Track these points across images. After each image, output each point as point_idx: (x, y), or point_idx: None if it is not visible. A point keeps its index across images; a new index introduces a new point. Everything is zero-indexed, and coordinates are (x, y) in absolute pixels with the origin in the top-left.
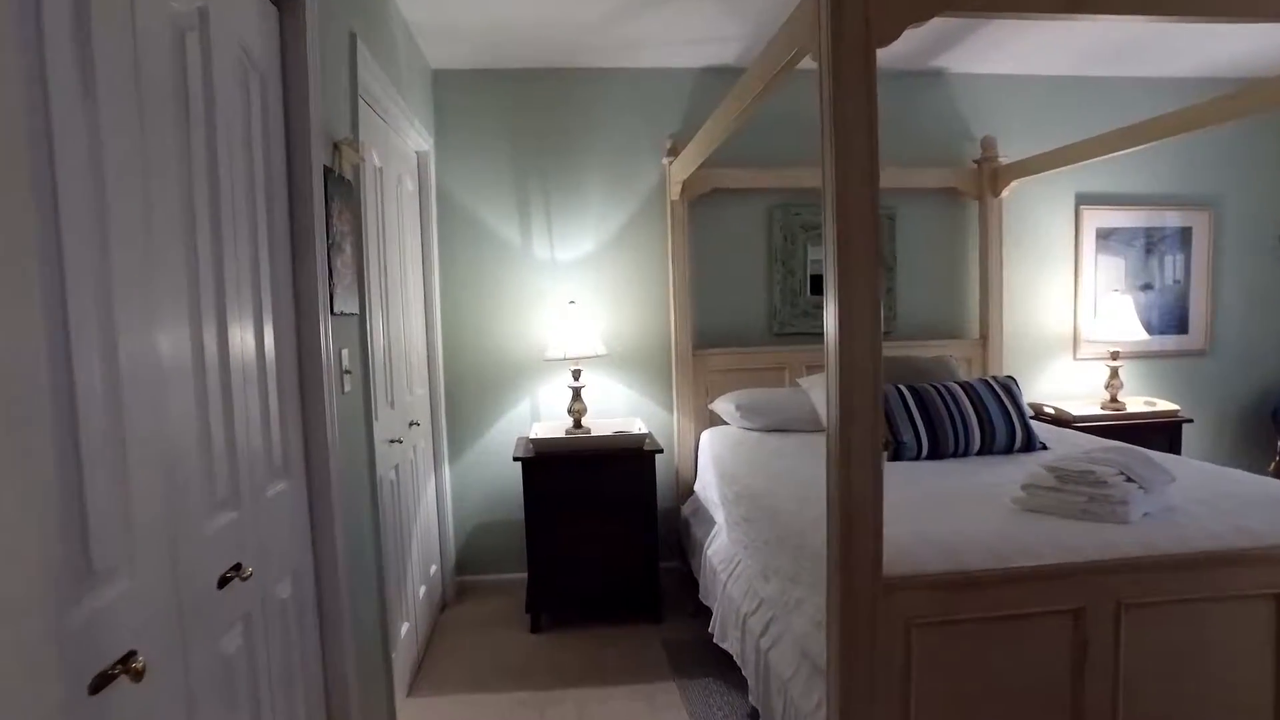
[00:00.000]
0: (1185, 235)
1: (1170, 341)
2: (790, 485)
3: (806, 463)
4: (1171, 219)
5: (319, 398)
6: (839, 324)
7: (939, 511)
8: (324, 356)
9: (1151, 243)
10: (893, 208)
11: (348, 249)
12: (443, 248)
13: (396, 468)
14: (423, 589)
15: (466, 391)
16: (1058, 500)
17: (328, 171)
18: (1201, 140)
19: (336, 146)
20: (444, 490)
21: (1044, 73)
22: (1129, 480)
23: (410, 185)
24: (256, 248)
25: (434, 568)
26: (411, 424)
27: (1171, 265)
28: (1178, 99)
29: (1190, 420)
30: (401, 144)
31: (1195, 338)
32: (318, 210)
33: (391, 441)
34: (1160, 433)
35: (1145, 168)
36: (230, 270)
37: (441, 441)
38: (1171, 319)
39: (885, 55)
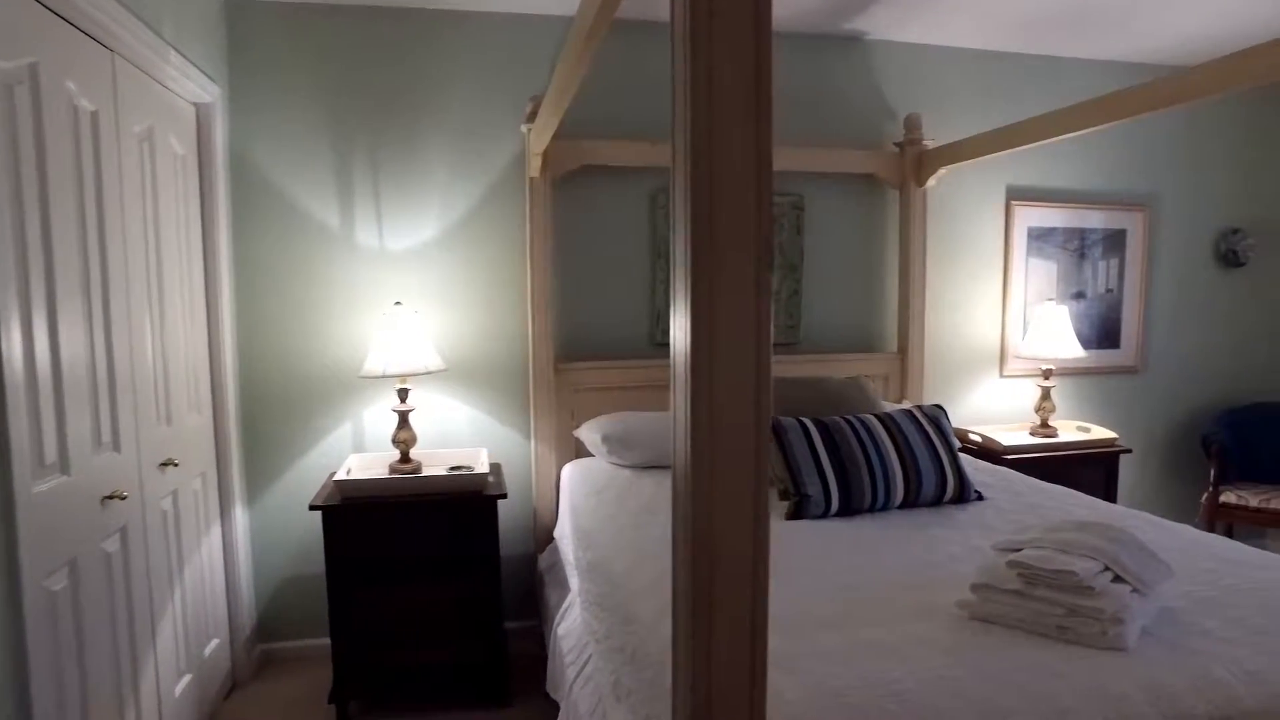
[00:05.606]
0: (1119, 238)
1: (1101, 357)
2: (656, 569)
3: None
4: (1105, 219)
5: None
6: (692, 338)
7: (854, 622)
8: None
9: (1085, 246)
10: (800, 194)
11: None
12: (237, 230)
13: (123, 531)
14: (184, 680)
15: (269, 415)
16: (1024, 610)
17: None
18: (1140, 132)
19: None
20: (234, 541)
21: (979, 45)
22: (1118, 580)
23: (178, 146)
24: None
25: (213, 644)
26: (166, 464)
27: (1104, 271)
28: (1127, 83)
29: (1129, 450)
30: (156, 89)
31: (1127, 353)
32: None
33: (106, 499)
34: (1096, 465)
35: (1080, 160)
36: None
37: (231, 480)
38: (1103, 332)
39: (790, 13)
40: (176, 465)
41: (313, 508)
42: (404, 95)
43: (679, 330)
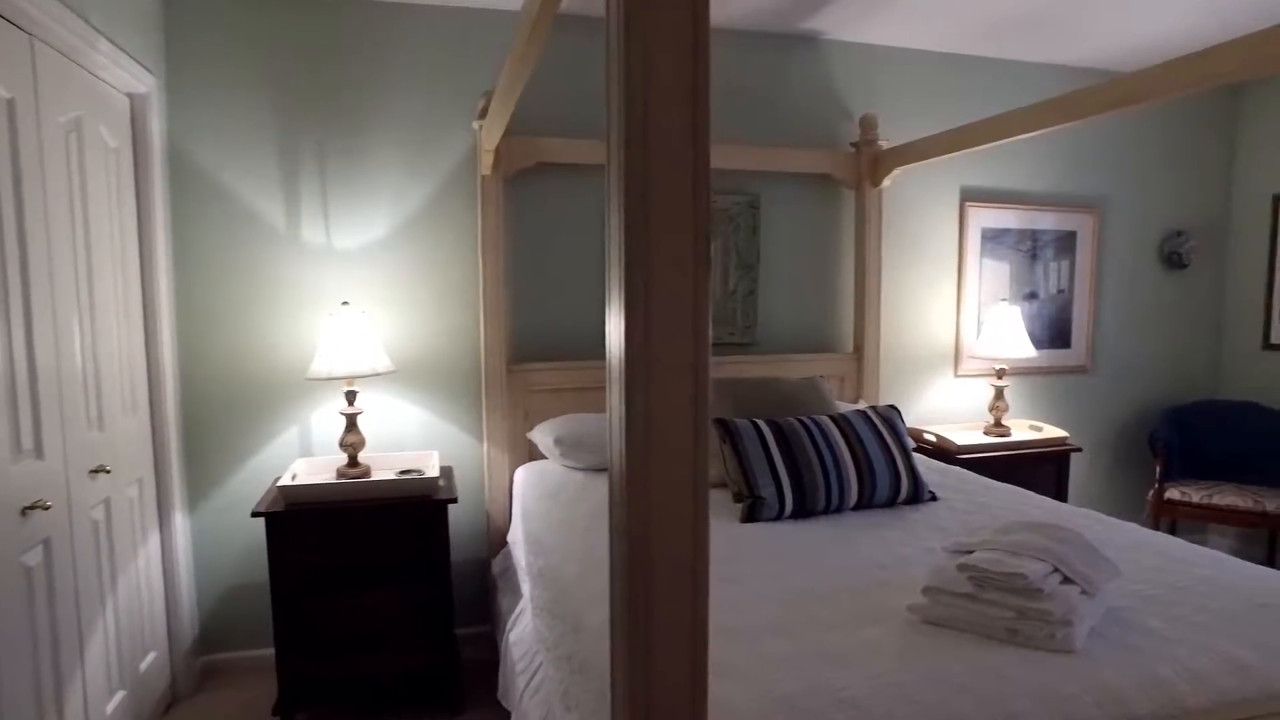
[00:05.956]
0: (1070, 240)
1: (1053, 357)
2: (605, 576)
3: None
4: (1057, 220)
5: None
6: (626, 337)
7: (805, 628)
8: None
9: (1037, 247)
10: (756, 194)
11: None
12: (177, 226)
13: (47, 543)
14: (117, 697)
15: (212, 418)
16: (974, 613)
17: None
18: (1090, 136)
19: None
20: (174, 550)
21: (935, 47)
22: (1066, 580)
23: (110, 138)
24: None
25: (150, 657)
26: (97, 471)
27: (1056, 272)
28: (1079, 87)
29: (1079, 449)
30: (85, 78)
31: (1077, 353)
32: None
33: (27, 509)
34: (1048, 463)
35: (1033, 162)
36: None
37: (171, 486)
38: (1054, 332)
39: (745, 11)
40: (109, 472)
41: (256, 514)
42: (352, 89)
43: (613, 329)
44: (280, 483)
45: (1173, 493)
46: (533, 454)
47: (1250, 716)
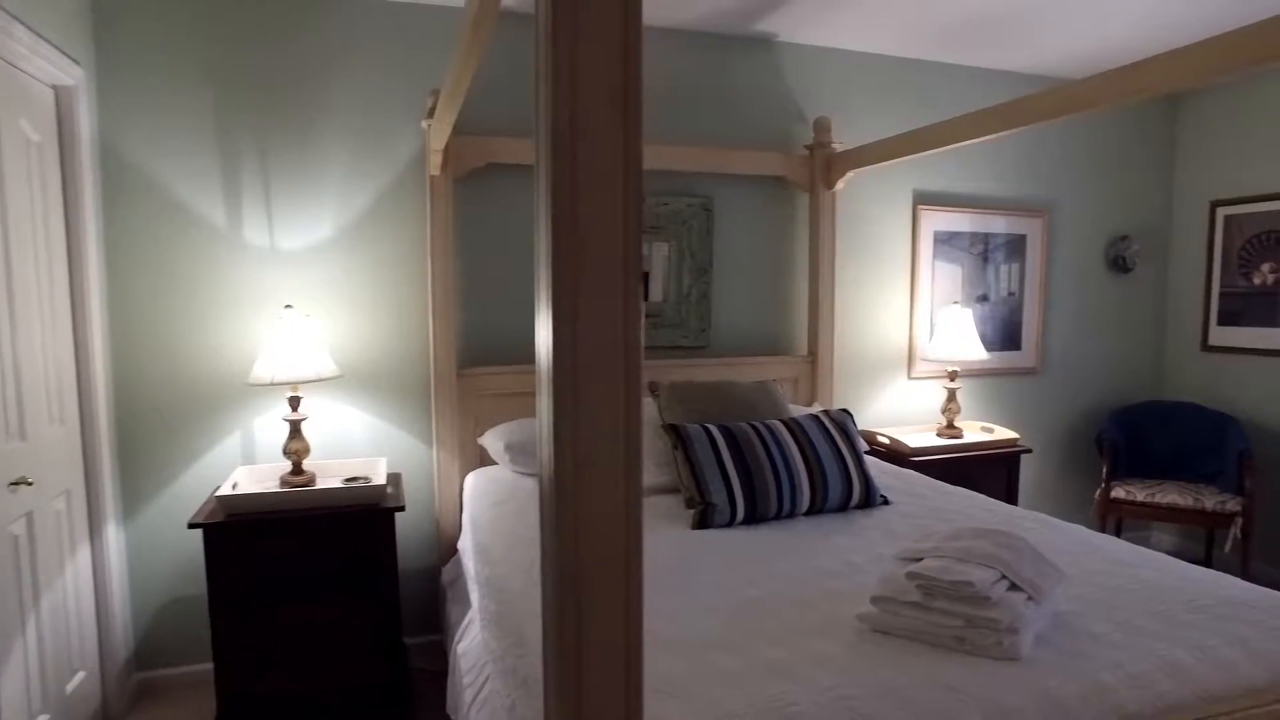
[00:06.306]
0: (1020, 243)
1: (1004, 359)
2: None
3: None
4: (1008, 224)
5: None
6: (554, 344)
7: (752, 640)
8: None
9: (989, 250)
10: (710, 196)
11: None
12: (109, 226)
13: None
14: None
15: (148, 426)
16: (923, 622)
17: None
18: (1040, 141)
19: None
20: (106, 564)
21: (890, 51)
22: (1013, 587)
23: (32, 132)
24: None
25: (79, 677)
26: (18, 483)
27: (1007, 275)
28: (1030, 93)
29: (1029, 450)
30: (2, 68)
31: (1027, 355)
32: None
33: None
34: (999, 464)
35: (984, 167)
36: None
37: (103, 497)
38: (1005, 334)
39: (700, 13)
40: (31, 484)
41: (193, 525)
42: (296, 83)
43: (541, 337)
44: (219, 492)
45: (1118, 492)
46: (484, 459)
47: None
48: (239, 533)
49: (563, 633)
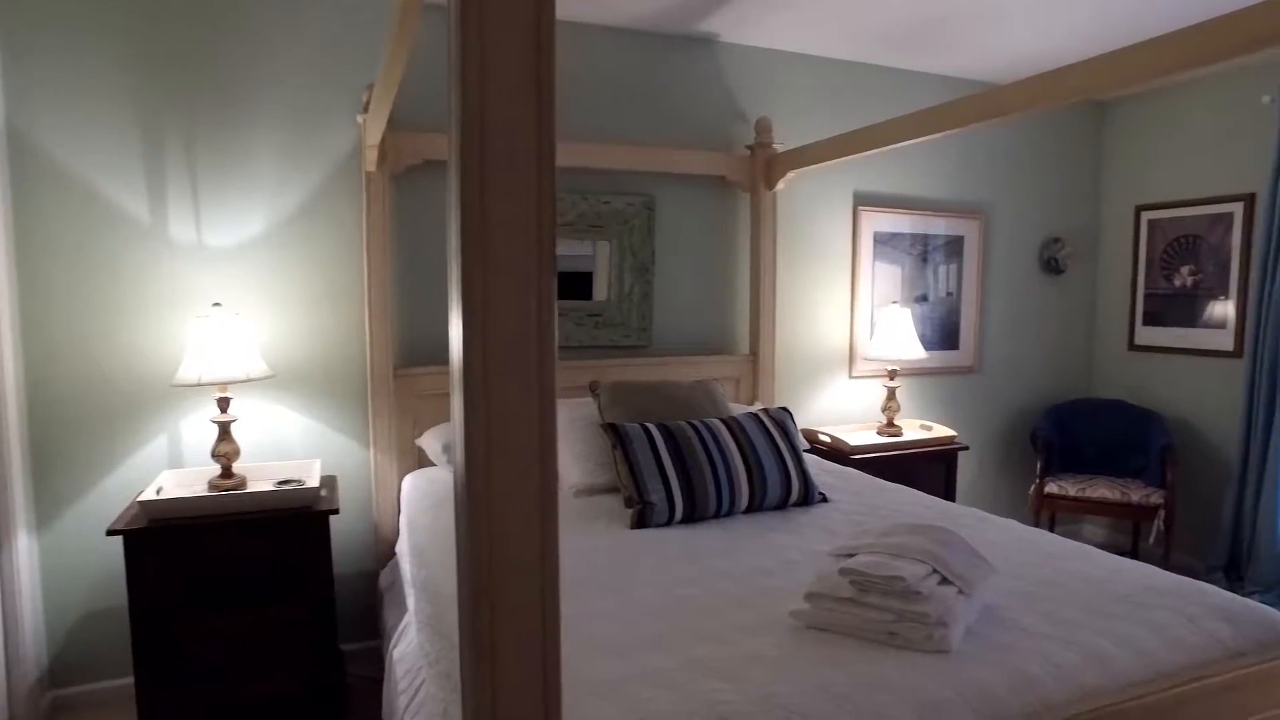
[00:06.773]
0: (958, 244)
1: (942, 358)
2: None
3: None
4: (946, 225)
5: None
6: (464, 343)
7: (686, 639)
8: None
9: (928, 250)
10: (651, 195)
11: None
12: (19, 220)
13: None
14: None
15: (64, 429)
16: (856, 617)
17: None
18: (977, 144)
19: None
20: (15, 576)
21: (830, 54)
22: (944, 581)
23: None
24: None
25: None
26: None
27: (945, 276)
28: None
29: (967, 448)
30: None
31: (965, 354)
32: None
33: None
34: (938, 462)
35: (923, 169)
36: None
37: (11, 504)
38: (944, 333)
39: (641, 11)
40: None
41: (112, 532)
42: (226, 70)
43: (453, 336)
44: (142, 497)
45: (1051, 487)
46: (422, 461)
47: (1109, 705)
48: (163, 539)
49: (476, 634)
